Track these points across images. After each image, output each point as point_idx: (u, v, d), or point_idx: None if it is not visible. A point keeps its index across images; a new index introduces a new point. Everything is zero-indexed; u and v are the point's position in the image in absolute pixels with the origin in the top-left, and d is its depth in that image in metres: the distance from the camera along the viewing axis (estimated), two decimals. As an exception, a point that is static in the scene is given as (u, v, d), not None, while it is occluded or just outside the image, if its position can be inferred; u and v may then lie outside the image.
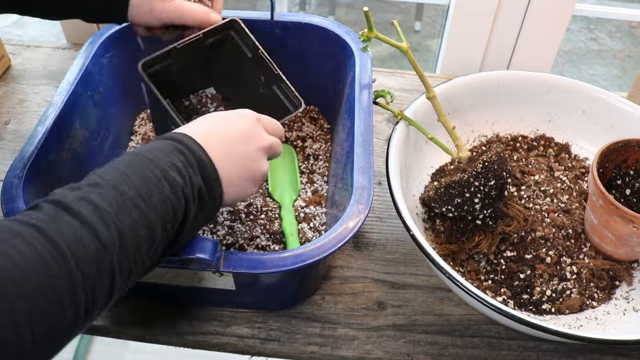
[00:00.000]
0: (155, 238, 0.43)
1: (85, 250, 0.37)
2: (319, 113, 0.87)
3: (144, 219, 0.42)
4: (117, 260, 0.39)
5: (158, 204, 0.43)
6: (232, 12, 0.79)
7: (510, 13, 0.95)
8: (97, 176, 0.43)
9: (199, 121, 0.54)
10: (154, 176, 0.44)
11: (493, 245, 0.67)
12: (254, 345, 0.63)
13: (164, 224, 0.44)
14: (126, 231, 0.40)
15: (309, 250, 0.52)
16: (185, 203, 0.46)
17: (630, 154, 0.69)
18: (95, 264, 0.38)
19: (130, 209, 0.41)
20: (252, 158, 0.53)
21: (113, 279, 0.39)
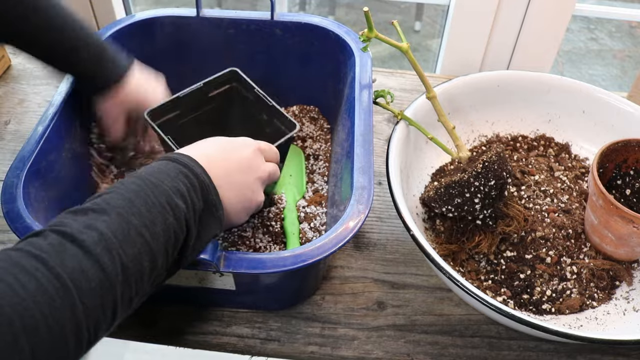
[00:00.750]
0: (157, 265, 0.43)
1: (89, 282, 0.37)
2: (319, 113, 0.87)
3: (147, 247, 0.42)
4: (120, 290, 0.39)
5: (161, 233, 0.43)
6: (232, 12, 0.79)
7: (510, 13, 0.95)
8: (104, 201, 0.43)
9: (205, 143, 0.54)
10: (159, 203, 0.44)
11: (493, 245, 0.67)
12: (254, 345, 0.63)
13: (165, 251, 0.44)
14: (130, 262, 0.40)
15: (309, 250, 0.52)
16: (187, 229, 0.46)
17: (630, 154, 0.69)
18: (98, 296, 0.38)
19: (134, 238, 0.41)
20: (251, 188, 0.55)
21: (115, 309, 0.39)
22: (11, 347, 0.32)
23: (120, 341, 0.67)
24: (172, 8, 0.80)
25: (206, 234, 0.49)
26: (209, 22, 0.78)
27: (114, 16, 1.04)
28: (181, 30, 0.79)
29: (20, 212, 0.54)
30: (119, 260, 0.39)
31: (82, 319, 0.36)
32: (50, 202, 0.61)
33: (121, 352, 1.47)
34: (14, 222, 0.53)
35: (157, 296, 0.64)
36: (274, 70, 0.83)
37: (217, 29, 0.79)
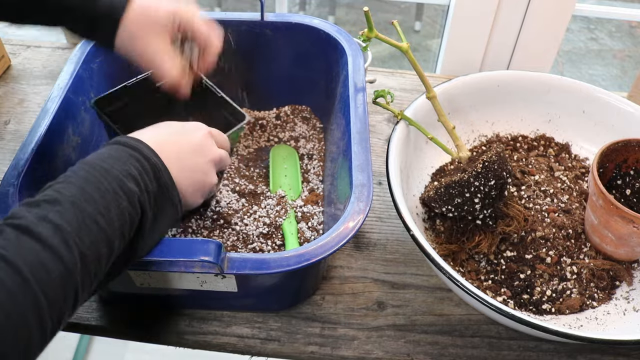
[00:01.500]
0: (114, 249, 0.43)
1: (49, 274, 0.37)
2: (311, 113, 0.87)
3: (103, 234, 0.42)
4: (80, 278, 0.40)
5: (115, 218, 0.43)
6: (222, 13, 0.79)
7: (510, 13, 0.95)
8: (55, 191, 0.42)
9: (155, 127, 0.54)
10: (111, 188, 0.44)
11: (493, 245, 0.67)
12: (254, 345, 0.63)
13: (122, 235, 0.44)
14: (87, 250, 0.40)
15: (312, 250, 0.52)
16: (142, 212, 0.46)
17: (630, 154, 0.69)
18: (59, 286, 0.38)
19: (90, 226, 0.41)
20: (203, 170, 0.55)
21: (76, 296, 0.40)
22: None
23: (121, 341, 0.67)
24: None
25: (163, 217, 0.49)
26: None
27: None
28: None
29: None
30: (76, 250, 0.39)
31: (46, 311, 0.37)
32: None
33: (121, 352, 1.47)
34: None
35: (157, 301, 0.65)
36: (264, 70, 0.83)
37: None
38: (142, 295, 0.64)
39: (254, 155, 0.82)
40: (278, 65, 0.83)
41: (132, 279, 0.58)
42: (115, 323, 0.65)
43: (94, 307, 0.66)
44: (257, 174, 0.79)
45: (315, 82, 0.82)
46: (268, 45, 0.80)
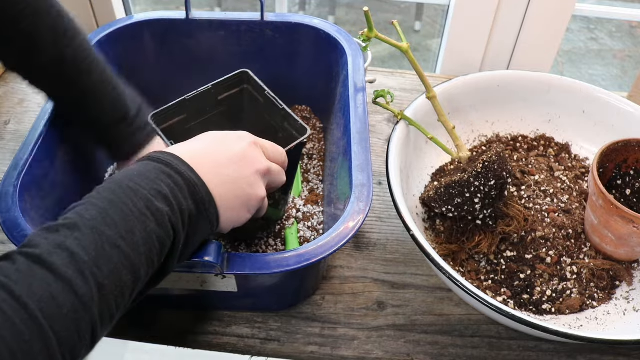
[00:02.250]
0: (140, 277, 0.41)
1: (60, 309, 0.35)
2: (311, 113, 0.87)
3: (127, 260, 0.39)
4: (98, 311, 0.37)
5: (141, 242, 0.40)
6: (222, 14, 0.79)
7: (510, 13, 0.95)
8: (77, 214, 0.40)
9: (193, 140, 0.51)
10: (137, 210, 0.41)
11: (493, 245, 0.67)
12: (254, 345, 0.63)
13: (149, 260, 0.41)
14: (106, 280, 0.37)
15: (312, 249, 0.52)
16: (174, 232, 0.43)
17: (630, 153, 0.69)
18: (72, 322, 0.35)
19: (109, 252, 0.38)
20: (248, 181, 0.50)
21: (94, 330, 0.37)
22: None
23: (120, 341, 0.67)
24: (163, 11, 0.80)
25: (197, 236, 0.46)
26: (199, 24, 0.78)
27: (114, 16, 1.04)
28: (173, 33, 0.79)
29: (18, 221, 0.54)
30: (93, 280, 0.37)
31: (56, 349, 0.34)
32: (47, 209, 0.61)
33: (121, 353, 1.47)
34: (11, 231, 0.53)
35: (156, 301, 0.65)
36: (265, 71, 0.82)
37: (207, 31, 0.79)
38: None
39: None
40: (278, 66, 0.83)
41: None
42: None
43: (94, 307, 0.65)
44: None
45: (315, 82, 0.82)
46: (268, 45, 0.80)
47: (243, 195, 0.50)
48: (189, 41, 0.80)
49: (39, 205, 0.60)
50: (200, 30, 0.79)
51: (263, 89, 0.64)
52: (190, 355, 1.46)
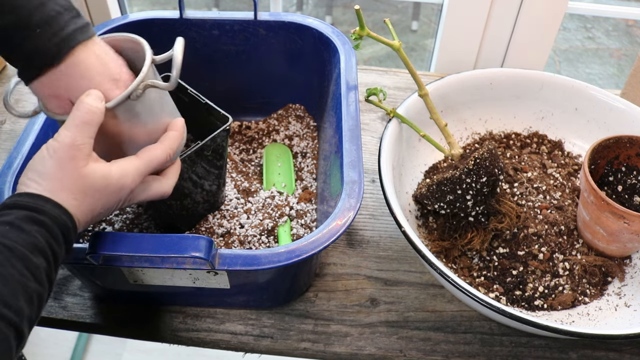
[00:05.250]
0: (23, 337, 0.39)
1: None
2: (304, 111, 0.87)
3: (12, 328, 0.37)
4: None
5: (24, 305, 0.39)
6: (216, 13, 0.79)
7: (504, 11, 0.95)
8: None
9: (74, 192, 0.45)
10: (17, 272, 0.39)
11: (485, 242, 0.67)
12: (247, 342, 0.63)
13: (31, 321, 0.40)
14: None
15: (303, 245, 0.52)
16: (49, 283, 0.42)
17: (621, 150, 0.69)
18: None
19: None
20: (122, 204, 0.50)
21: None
22: None
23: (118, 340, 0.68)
24: (157, 10, 0.81)
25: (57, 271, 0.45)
26: (193, 24, 0.79)
27: (109, 16, 1.04)
28: (167, 32, 0.80)
29: None
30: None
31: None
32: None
33: (119, 352, 1.47)
34: None
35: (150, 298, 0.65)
36: (259, 70, 0.83)
37: (201, 30, 0.79)
38: (136, 293, 0.64)
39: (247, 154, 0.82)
40: (272, 64, 0.83)
41: (125, 276, 0.58)
42: (109, 320, 0.65)
43: (89, 305, 0.66)
44: (252, 172, 0.79)
45: (309, 81, 0.82)
46: (262, 44, 0.80)
47: (105, 213, 0.49)
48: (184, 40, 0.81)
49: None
50: (194, 30, 0.79)
51: (186, 88, 0.67)
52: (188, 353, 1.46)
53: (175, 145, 0.52)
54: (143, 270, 0.56)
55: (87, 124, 0.45)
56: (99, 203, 0.47)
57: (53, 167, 0.45)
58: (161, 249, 0.50)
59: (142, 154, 0.50)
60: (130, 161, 0.49)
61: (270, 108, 0.88)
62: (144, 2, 2.59)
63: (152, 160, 0.50)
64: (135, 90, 0.48)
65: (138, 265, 0.54)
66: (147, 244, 0.50)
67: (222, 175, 0.67)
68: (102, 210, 0.48)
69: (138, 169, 0.49)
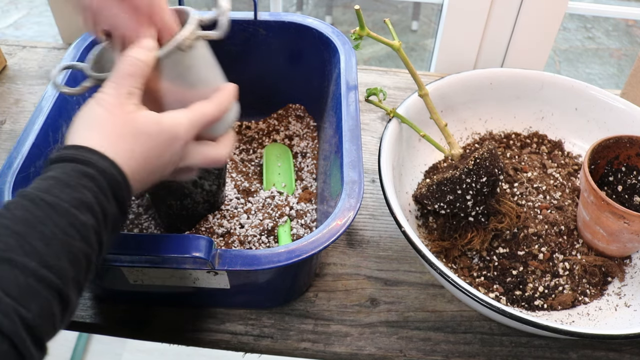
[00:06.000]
0: (71, 301, 0.37)
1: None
2: (304, 111, 0.87)
3: (55, 291, 0.35)
4: (29, 350, 0.33)
5: (68, 266, 0.36)
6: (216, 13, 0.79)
7: (504, 11, 0.96)
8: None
9: (125, 137, 0.43)
10: (60, 230, 0.36)
11: (485, 242, 0.67)
12: (247, 342, 0.63)
13: (77, 283, 0.37)
14: (36, 319, 0.33)
15: (303, 245, 0.52)
16: (99, 244, 0.39)
17: (621, 150, 0.69)
18: None
19: (35, 287, 0.34)
20: (175, 162, 0.47)
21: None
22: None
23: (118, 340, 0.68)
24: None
25: (114, 233, 0.43)
26: None
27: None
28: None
29: None
30: (20, 323, 0.32)
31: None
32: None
33: (119, 351, 1.47)
34: None
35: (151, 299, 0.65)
36: (259, 70, 0.83)
37: None
38: (137, 293, 0.64)
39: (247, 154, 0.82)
40: (271, 64, 0.83)
41: (125, 276, 0.58)
42: (109, 320, 0.65)
43: (89, 305, 0.66)
44: (252, 172, 0.79)
45: (309, 81, 0.82)
46: (262, 44, 0.80)
47: (159, 170, 0.46)
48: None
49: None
50: (194, 30, 0.79)
51: None
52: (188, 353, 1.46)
53: (226, 103, 0.50)
54: (143, 270, 0.56)
55: (132, 75, 0.44)
56: (152, 152, 0.44)
57: (101, 114, 0.43)
58: (161, 249, 0.50)
59: (192, 107, 0.48)
60: (181, 112, 0.47)
61: (270, 108, 0.88)
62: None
63: (204, 115, 0.48)
64: (184, 39, 0.46)
65: (138, 265, 0.54)
66: (147, 244, 0.50)
67: (222, 175, 0.67)
68: (156, 162, 0.45)
69: (190, 120, 0.47)
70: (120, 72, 0.44)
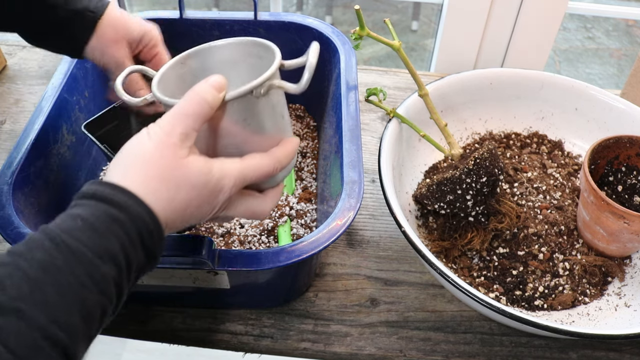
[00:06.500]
0: (77, 356, 0.34)
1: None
2: (304, 111, 0.87)
3: (60, 349, 0.32)
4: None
5: (79, 322, 0.33)
6: (216, 13, 0.80)
7: (504, 11, 0.96)
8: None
9: (168, 183, 0.40)
10: (77, 281, 0.33)
11: (485, 242, 0.67)
12: (247, 342, 0.63)
13: (87, 338, 0.35)
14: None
15: (303, 246, 0.52)
16: (119, 295, 0.37)
17: (621, 150, 0.69)
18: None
19: (40, 344, 0.31)
20: (215, 212, 0.44)
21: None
22: None
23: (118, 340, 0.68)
24: (158, 10, 0.81)
25: (139, 278, 0.40)
26: (193, 24, 0.79)
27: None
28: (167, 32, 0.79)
29: (11, 219, 0.54)
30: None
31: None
32: (41, 207, 0.61)
33: (119, 352, 1.47)
34: (5, 229, 0.53)
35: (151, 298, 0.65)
36: (258, 70, 0.83)
37: (201, 30, 0.79)
38: (136, 293, 0.64)
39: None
40: (271, 64, 0.83)
41: (125, 276, 0.58)
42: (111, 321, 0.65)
43: (88, 305, 0.66)
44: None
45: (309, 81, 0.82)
46: (261, 44, 0.80)
47: (196, 218, 0.44)
48: (183, 41, 0.80)
49: (33, 203, 0.60)
50: (194, 30, 0.79)
51: None
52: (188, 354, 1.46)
53: (285, 161, 0.47)
54: (143, 270, 0.56)
55: (193, 116, 0.41)
56: (193, 203, 0.41)
57: (150, 150, 0.40)
58: (161, 249, 0.50)
59: (247, 158, 0.45)
60: (234, 163, 0.44)
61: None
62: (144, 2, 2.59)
63: (257, 170, 0.45)
64: (259, 86, 0.44)
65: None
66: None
67: None
68: (195, 212, 0.42)
69: (241, 174, 0.43)
70: (182, 108, 0.41)
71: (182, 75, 0.51)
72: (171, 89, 0.49)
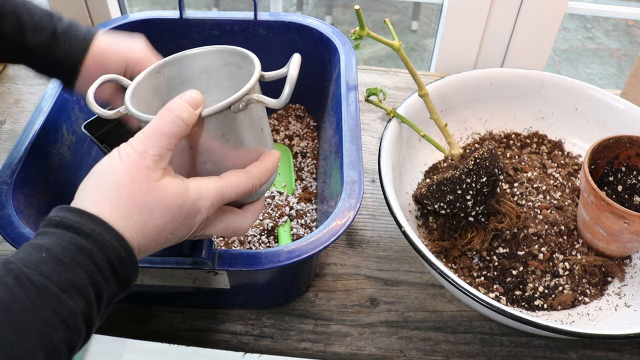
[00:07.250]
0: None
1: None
2: (304, 111, 0.87)
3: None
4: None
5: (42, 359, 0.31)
6: (216, 13, 0.80)
7: (504, 11, 0.96)
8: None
9: (140, 209, 0.38)
10: (41, 320, 0.32)
11: (485, 242, 0.67)
12: (247, 342, 0.63)
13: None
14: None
15: (303, 246, 0.52)
16: (88, 327, 0.35)
17: (621, 150, 0.69)
18: None
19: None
20: (192, 233, 0.43)
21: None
22: None
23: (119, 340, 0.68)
24: (158, 10, 0.81)
25: (112, 305, 0.38)
26: (193, 24, 0.79)
27: (109, 15, 1.04)
28: (167, 32, 0.80)
29: (11, 219, 0.54)
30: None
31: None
32: (41, 207, 0.61)
33: (119, 352, 1.47)
34: (5, 229, 0.53)
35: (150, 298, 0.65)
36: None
37: (202, 30, 0.79)
38: (136, 293, 0.64)
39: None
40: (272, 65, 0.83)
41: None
42: (109, 320, 0.65)
43: (88, 305, 0.66)
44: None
45: (309, 81, 0.82)
46: (262, 44, 0.80)
47: (170, 242, 0.42)
48: (183, 41, 0.81)
49: (33, 203, 0.60)
50: (194, 30, 0.79)
51: None
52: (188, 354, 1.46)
53: (264, 177, 0.46)
54: (143, 270, 0.56)
55: (168, 135, 0.39)
56: (169, 226, 0.40)
57: (121, 173, 0.38)
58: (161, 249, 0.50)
59: (225, 177, 0.43)
60: (212, 182, 0.42)
61: (270, 108, 0.88)
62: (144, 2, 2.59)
63: (236, 188, 0.43)
64: (237, 101, 0.42)
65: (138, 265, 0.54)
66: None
67: None
68: (170, 236, 0.40)
69: (219, 193, 0.42)
70: (156, 127, 0.39)
71: (157, 85, 0.50)
72: (147, 100, 0.47)
